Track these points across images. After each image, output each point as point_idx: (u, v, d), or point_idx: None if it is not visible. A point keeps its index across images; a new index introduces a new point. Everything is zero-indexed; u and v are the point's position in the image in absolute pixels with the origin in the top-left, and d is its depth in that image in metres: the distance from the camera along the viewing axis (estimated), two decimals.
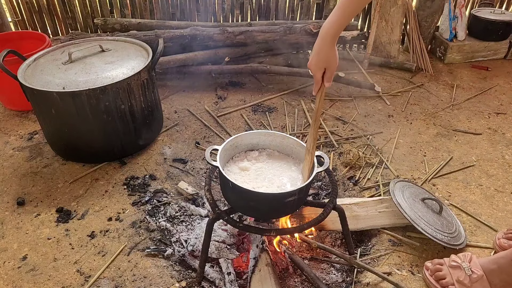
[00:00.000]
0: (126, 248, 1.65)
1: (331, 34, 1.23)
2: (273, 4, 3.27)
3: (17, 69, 1.95)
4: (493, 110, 2.69)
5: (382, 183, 2.00)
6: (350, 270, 1.63)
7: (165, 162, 2.14)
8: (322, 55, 1.26)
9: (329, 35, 1.23)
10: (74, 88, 1.83)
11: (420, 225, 1.60)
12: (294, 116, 2.57)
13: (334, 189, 1.52)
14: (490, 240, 1.70)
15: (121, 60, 2.04)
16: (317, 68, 1.29)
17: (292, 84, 2.95)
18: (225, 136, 2.38)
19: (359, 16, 3.44)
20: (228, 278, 1.54)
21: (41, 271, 1.55)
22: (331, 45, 1.25)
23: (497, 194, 1.97)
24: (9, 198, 1.89)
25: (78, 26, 3.29)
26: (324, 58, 1.26)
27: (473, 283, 1.41)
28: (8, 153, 2.18)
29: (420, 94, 2.85)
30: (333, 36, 1.24)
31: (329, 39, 1.24)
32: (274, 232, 1.41)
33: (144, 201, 1.87)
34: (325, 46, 1.25)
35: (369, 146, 2.29)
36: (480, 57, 3.34)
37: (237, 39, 2.80)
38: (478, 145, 2.34)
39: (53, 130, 2.05)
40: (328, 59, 1.27)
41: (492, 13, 3.29)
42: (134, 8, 3.20)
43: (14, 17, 3.18)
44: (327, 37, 1.23)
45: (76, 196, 1.90)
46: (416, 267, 1.59)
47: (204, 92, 2.83)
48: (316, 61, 1.28)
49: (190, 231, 1.75)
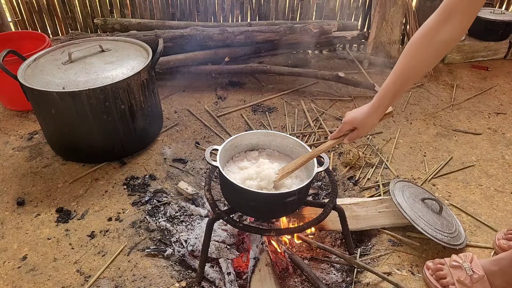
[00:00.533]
0: (126, 248, 1.65)
1: (385, 105, 1.26)
2: (273, 4, 3.27)
3: (17, 69, 1.95)
4: (493, 110, 2.69)
5: (382, 183, 2.00)
6: (350, 270, 1.63)
7: (165, 162, 2.14)
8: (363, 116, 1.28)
9: (381, 106, 1.26)
10: (74, 88, 1.82)
11: (420, 225, 1.60)
12: (294, 116, 2.57)
13: (334, 189, 1.52)
14: (490, 240, 1.70)
15: (121, 60, 2.04)
16: (350, 123, 1.31)
17: (292, 84, 2.95)
18: (225, 136, 2.38)
19: (359, 16, 3.45)
20: (228, 278, 1.54)
21: (41, 271, 1.55)
22: (378, 115, 1.28)
23: (497, 194, 1.97)
24: (9, 198, 1.89)
25: (78, 26, 3.29)
26: (363, 121, 1.28)
27: (474, 283, 1.41)
28: (8, 153, 2.18)
29: (420, 94, 2.85)
30: (385, 108, 1.27)
31: (380, 110, 1.27)
32: (274, 232, 1.40)
33: (144, 201, 1.87)
34: (374, 113, 1.27)
35: (369, 146, 2.29)
36: (480, 57, 3.34)
37: (237, 39, 2.80)
38: (478, 145, 2.33)
39: (53, 130, 2.05)
40: (365, 124, 1.29)
41: (492, 13, 3.29)
42: (134, 8, 3.20)
43: (14, 17, 3.18)
44: (379, 107, 1.26)
45: (76, 196, 1.90)
46: (416, 267, 1.59)
47: (204, 92, 2.83)
48: (353, 118, 1.30)
49: (190, 231, 1.75)
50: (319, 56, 3.44)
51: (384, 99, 1.25)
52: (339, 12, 3.37)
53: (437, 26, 1.11)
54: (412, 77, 1.21)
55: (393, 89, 1.22)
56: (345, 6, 3.35)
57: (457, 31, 1.11)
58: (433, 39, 1.13)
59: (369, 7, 3.37)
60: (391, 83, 1.22)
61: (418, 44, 1.16)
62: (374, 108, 1.26)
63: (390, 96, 1.24)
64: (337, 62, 3.34)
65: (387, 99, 1.24)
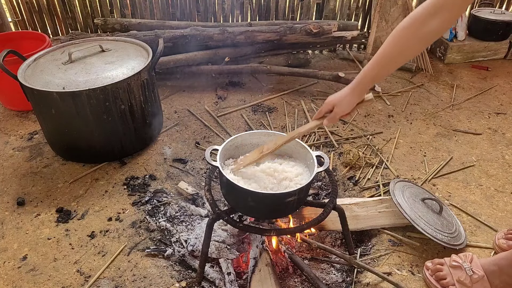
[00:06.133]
0: (126, 248, 1.65)
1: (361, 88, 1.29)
2: (273, 4, 3.27)
3: (17, 69, 1.95)
4: (493, 110, 2.69)
5: (382, 183, 2.00)
6: (350, 270, 1.62)
7: (165, 162, 2.14)
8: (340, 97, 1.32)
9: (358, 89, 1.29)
10: (74, 88, 1.83)
11: (420, 225, 1.60)
12: (294, 116, 2.57)
13: (334, 189, 1.52)
14: (490, 240, 1.70)
15: (121, 60, 2.04)
16: (328, 103, 1.35)
17: (292, 84, 2.95)
18: (225, 136, 2.38)
19: (359, 16, 3.45)
20: (228, 278, 1.54)
21: (41, 271, 1.55)
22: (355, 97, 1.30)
23: (497, 194, 1.97)
24: (9, 198, 1.89)
25: (78, 26, 3.29)
26: (339, 101, 1.32)
27: (474, 283, 1.41)
28: (8, 153, 2.18)
29: (420, 94, 2.85)
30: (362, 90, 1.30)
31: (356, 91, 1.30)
32: (274, 232, 1.40)
33: (144, 201, 1.87)
34: (350, 94, 1.31)
35: (369, 146, 2.29)
36: (480, 57, 3.34)
37: (237, 39, 2.80)
38: (478, 145, 2.33)
39: (53, 130, 2.05)
40: (341, 104, 1.32)
41: (492, 13, 3.29)
42: (134, 8, 3.20)
43: (14, 17, 3.18)
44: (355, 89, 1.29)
45: (76, 196, 1.90)
46: (416, 267, 1.59)
47: (204, 92, 2.83)
48: (332, 98, 1.34)
49: (190, 231, 1.75)
50: (319, 56, 3.44)
51: (361, 81, 1.28)
52: (339, 12, 3.37)
53: (424, 19, 1.13)
54: (392, 64, 1.24)
55: (371, 74, 1.26)
56: (345, 6, 3.35)
57: (443, 26, 1.13)
58: (418, 30, 1.14)
59: (369, 7, 3.37)
60: (371, 68, 1.25)
61: (403, 34, 1.17)
62: (350, 89, 1.30)
63: (367, 80, 1.27)
64: (337, 62, 3.34)
65: (365, 82, 1.28)
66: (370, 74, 1.26)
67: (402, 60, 1.25)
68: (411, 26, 1.15)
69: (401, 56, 1.22)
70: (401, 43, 1.18)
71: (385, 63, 1.23)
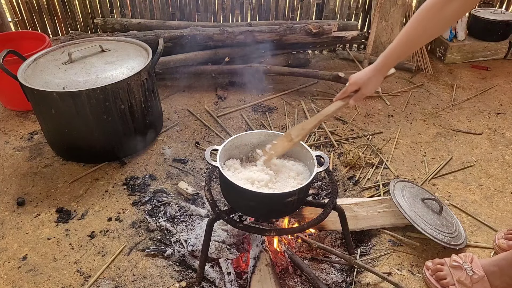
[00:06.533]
0: (126, 248, 1.65)
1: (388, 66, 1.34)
2: (273, 4, 3.27)
3: (17, 69, 1.95)
4: (493, 110, 2.69)
5: (382, 183, 2.00)
6: (350, 270, 1.62)
7: (165, 162, 2.14)
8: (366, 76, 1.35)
9: (385, 67, 1.34)
10: (74, 88, 1.82)
11: (420, 225, 1.60)
12: (294, 116, 2.57)
13: (334, 189, 1.52)
14: (490, 240, 1.70)
15: (121, 60, 2.04)
16: (354, 83, 1.37)
17: (292, 84, 2.95)
18: (225, 136, 2.38)
19: (359, 16, 3.45)
20: (228, 278, 1.54)
21: (41, 271, 1.55)
22: (381, 75, 1.35)
23: (497, 194, 1.97)
24: (9, 198, 1.89)
25: (78, 26, 3.29)
26: (367, 81, 1.35)
27: (474, 283, 1.41)
28: (8, 153, 2.18)
29: (420, 94, 2.85)
30: (388, 68, 1.35)
31: (383, 70, 1.34)
32: (274, 232, 1.40)
33: (144, 201, 1.87)
34: (378, 73, 1.35)
35: (369, 146, 2.29)
36: (480, 57, 3.34)
37: (237, 39, 2.80)
38: (478, 145, 2.33)
39: (53, 130, 2.05)
40: (368, 84, 1.35)
41: (492, 13, 3.29)
42: (134, 8, 3.20)
43: (14, 17, 3.18)
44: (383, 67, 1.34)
45: (76, 196, 1.90)
46: (416, 267, 1.59)
47: (204, 92, 2.83)
48: (358, 78, 1.36)
49: (190, 231, 1.75)
50: (319, 56, 3.44)
51: (388, 60, 1.33)
52: (339, 12, 3.37)
53: (442, 3, 1.18)
54: (416, 42, 1.31)
55: (397, 52, 1.30)
56: (345, 6, 3.35)
57: (461, 10, 1.18)
58: (439, 12, 1.20)
59: (369, 7, 3.37)
60: (396, 46, 1.30)
61: (424, 14, 1.23)
62: (377, 69, 1.35)
63: (394, 58, 1.32)
64: (337, 62, 3.34)
65: (391, 60, 1.33)
66: (395, 53, 1.30)
67: (425, 38, 1.31)
68: (432, 7, 1.20)
69: (425, 35, 1.27)
70: (424, 23, 1.24)
71: (410, 41, 1.28)
